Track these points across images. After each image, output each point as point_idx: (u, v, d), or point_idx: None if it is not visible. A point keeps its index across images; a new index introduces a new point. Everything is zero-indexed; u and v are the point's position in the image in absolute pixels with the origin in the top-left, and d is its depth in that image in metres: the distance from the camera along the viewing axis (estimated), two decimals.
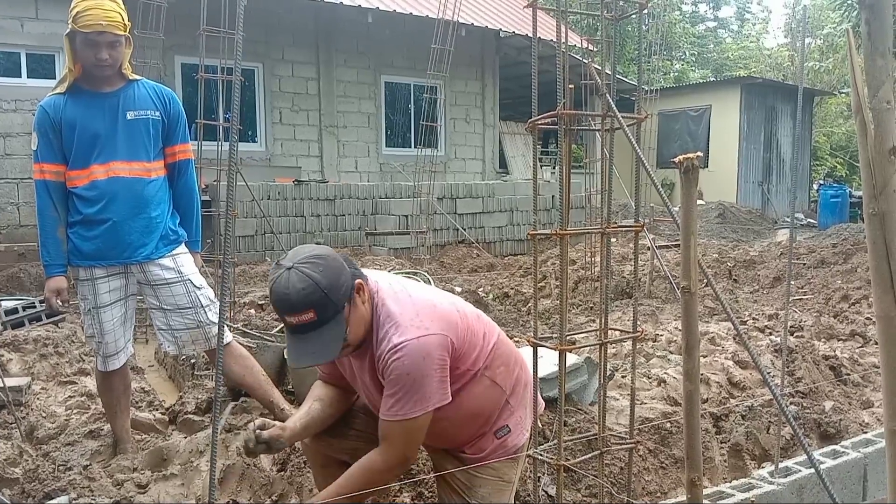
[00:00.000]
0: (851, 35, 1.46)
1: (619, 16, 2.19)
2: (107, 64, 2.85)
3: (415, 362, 1.92)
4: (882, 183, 1.29)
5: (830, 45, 22.72)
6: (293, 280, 1.87)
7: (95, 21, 2.76)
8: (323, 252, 1.96)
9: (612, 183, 2.27)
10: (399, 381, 1.94)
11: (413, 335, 1.94)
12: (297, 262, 1.90)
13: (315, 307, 1.87)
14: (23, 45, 9.62)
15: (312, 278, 1.87)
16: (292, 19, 12.27)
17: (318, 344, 1.92)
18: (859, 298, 6.19)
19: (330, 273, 1.90)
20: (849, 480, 2.89)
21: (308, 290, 1.86)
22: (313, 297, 1.87)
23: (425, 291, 2.18)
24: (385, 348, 1.95)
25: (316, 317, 1.88)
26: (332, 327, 1.92)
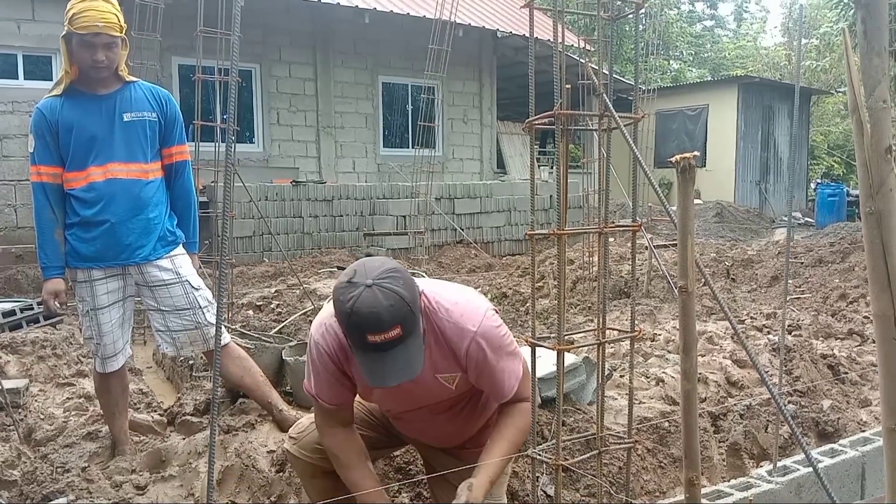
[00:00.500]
0: (848, 34, 1.46)
1: (615, 15, 2.19)
2: (103, 65, 2.84)
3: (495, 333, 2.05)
4: (879, 182, 1.29)
5: (827, 44, 22.76)
6: (379, 297, 1.80)
7: (92, 22, 2.76)
8: (393, 264, 1.93)
9: (609, 182, 2.27)
10: (496, 351, 2.04)
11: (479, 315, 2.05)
12: (375, 278, 1.83)
13: (402, 322, 1.83)
14: (20, 46, 9.60)
15: (398, 293, 1.82)
16: (289, 20, 12.27)
17: (404, 360, 1.87)
18: (857, 297, 6.20)
19: (409, 285, 1.88)
20: (847, 479, 2.90)
21: (396, 306, 1.81)
22: (401, 312, 1.82)
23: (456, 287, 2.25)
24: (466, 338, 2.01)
25: (402, 332, 1.83)
26: (414, 340, 1.89)
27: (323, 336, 2.09)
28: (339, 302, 1.85)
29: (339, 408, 2.17)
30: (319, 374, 2.12)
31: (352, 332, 1.85)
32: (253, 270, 8.61)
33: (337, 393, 2.14)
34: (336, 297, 1.87)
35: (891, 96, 1.30)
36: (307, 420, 2.39)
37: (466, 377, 2.09)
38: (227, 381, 3.30)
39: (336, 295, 1.87)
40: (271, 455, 2.93)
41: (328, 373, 2.11)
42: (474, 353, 2.01)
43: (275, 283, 7.07)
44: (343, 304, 1.83)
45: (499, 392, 2.10)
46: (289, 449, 2.38)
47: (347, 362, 2.08)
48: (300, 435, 2.35)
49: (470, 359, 2.02)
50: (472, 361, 2.03)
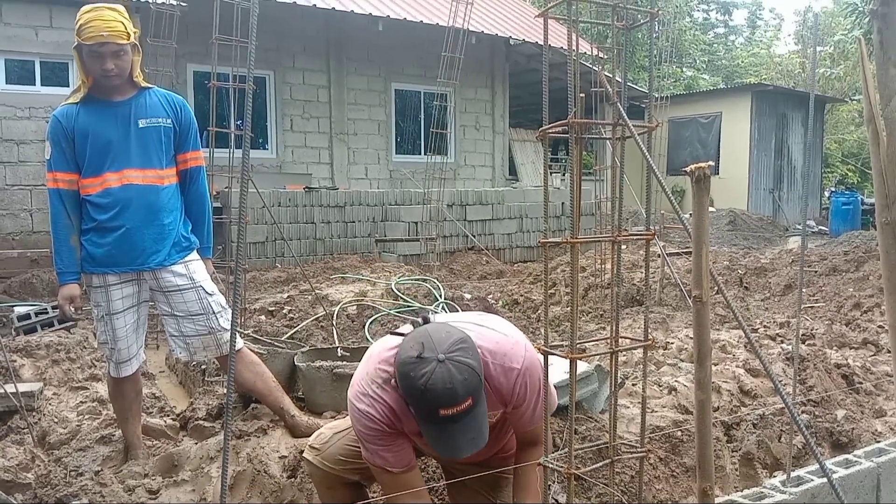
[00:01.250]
0: (863, 44, 1.45)
1: (629, 24, 2.19)
2: (113, 74, 2.86)
3: (537, 368, 2.06)
4: (895, 192, 1.29)
5: (842, 51, 22.62)
6: (453, 372, 1.79)
7: (97, 32, 2.78)
8: (459, 333, 1.90)
9: (622, 190, 2.26)
10: (535, 390, 2.07)
11: (521, 352, 2.06)
12: (447, 352, 1.81)
13: (473, 393, 1.82)
14: (37, 53, 9.70)
15: (470, 365, 1.82)
16: (303, 27, 12.34)
17: (475, 428, 1.87)
18: (871, 306, 6.15)
19: (475, 353, 1.87)
20: (862, 490, 2.87)
21: (470, 380, 1.81)
22: (473, 385, 1.82)
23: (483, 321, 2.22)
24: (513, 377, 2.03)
25: (473, 402, 1.83)
26: (482, 405, 1.88)
27: (372, 406, 2.01)
28: (408, 378, 1.82)
29: (409, 468, 2.10)
30: (378, 444, 2.05)
31: (423, 407, 1.83)
32: (265, 276, 8.64)
33: (403, 454, 2.08)
34: (405, 371, 1.83)
35: None
36: (329, 431, 2.38)
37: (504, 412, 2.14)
38: (240, 387, 3.31)
39: (404, 370, 1.84)
40: (283, 461, 2.93)
41: (388, 440, 2.04)
42: (521, 390, 2.05)
43: (287, 288, 7.10)
44: (415, 380, 1.80)
45: (526, 423, 2.15)
46: (310, 459, 2.35)
47: (401, 423, 2.03)
48: (323, 446, 2.33)
49: (518, 396, 2.06)
50: (519, 398, 2.06)
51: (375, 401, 2.01)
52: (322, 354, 3.77)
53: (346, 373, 3.29)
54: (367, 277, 6.71)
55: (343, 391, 3.19)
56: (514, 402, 2.07)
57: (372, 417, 2.01)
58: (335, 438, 2.31)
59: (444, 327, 1.93)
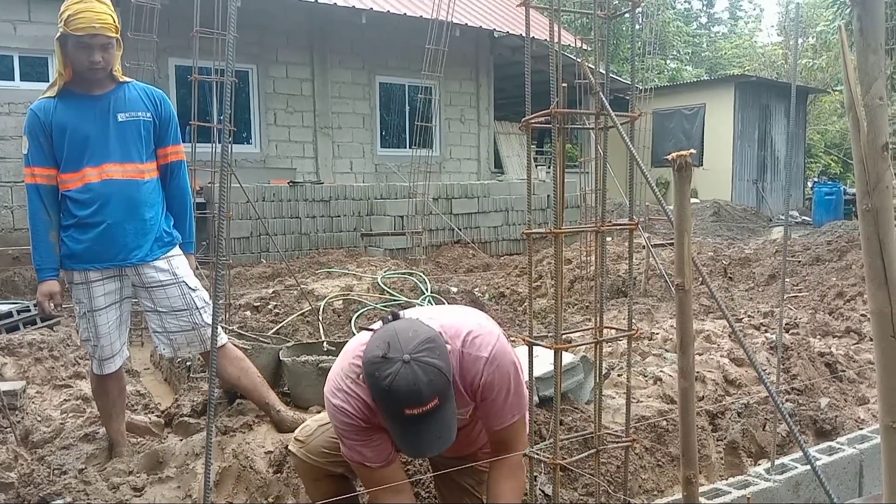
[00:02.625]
0: (844, 32, 1.46)
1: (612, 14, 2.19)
2: (100, 66, 2.84)
3: (508, 359, 2.03)
4: (875, 179, 1.29)
5: (824, 42, 22.77)
6: (418, 373, 1.77)
7: (88, 23, 2.75)
8: (427, 332, 1.87)
9: (606, 181, 2.26)
10: (505, 383, 2.02)
11: (492, 340, 2.02)
12: (412, 352, 1.79)
13: (439, 393, 1.81)
14: (16, 48, 9.60)
15: (436, 366, 1.80)
16: (286, 20, 12.26)
17: (441, 427, 1.86)
18: (854, 295, 6.21)
19: (443, 353, 1.85)
20: (845, 476, 2.90)
21: (435, 380, 1.79)
22: (438, 385, 1.80)
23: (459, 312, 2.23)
24: (480, 365, 1.99)
25: (439, 402, 1.81)
26: (449, 406, 1.87)
27: (346, 401, 2.01)
28: (373, 377, 1.81)
29: (388, 462, 2.09)
30: (355, 439, 2.04)
31: (388, 407, 1.82)
32: (250, 271, 8.60)
33: (381, 448, 2.07)
34: (370, 371, 1.82)
35: (887, 93, 1.30)
36: (314, 423, 2.37)
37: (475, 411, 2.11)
38: (225, 382, 3.29)
39: (370, 369, 1.82)
40: (269, 456, 2.92)
41: (365, 435, 2.03)
42: (488, 379, 2.00)
43: (272, 283, 7.06)
44: (379, 380, 1.79)
45: (495, 418, 2.06)
46: (294, 451, 2.35)
47: (376, 417, 2.00)
48: (308, 438, 2.32)
49: (485, 387, 2.01)
50: (486, 389, 2.01)
51: (350, 395, 2.00)
52: (308, 349, 3.76)
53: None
54: (352, 272, 6.69)
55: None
56: (481, 393, 2.02)
57: (347, 412, 2.00)
58: (319, 431, 2.31)
59: (413, 325, 1.90)
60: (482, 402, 2.05)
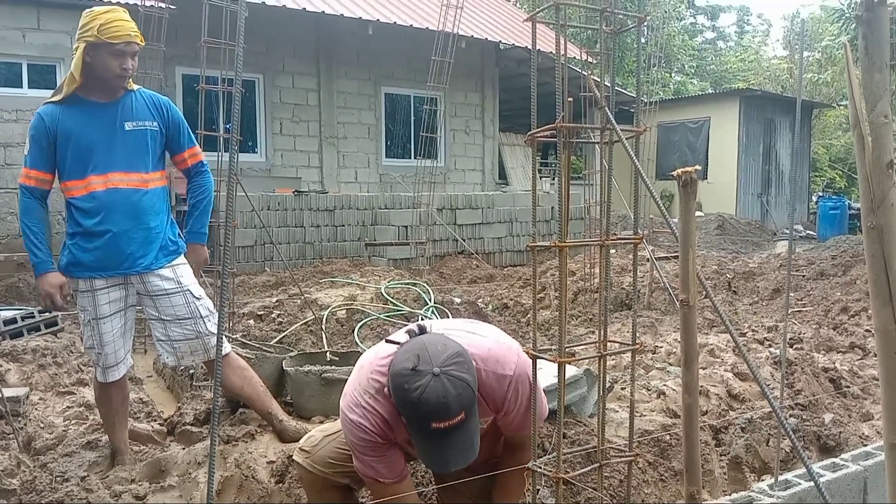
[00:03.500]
0: (849, 49, 1.46)
1: (618, 29, 2.20)
2: (129, 74, 2.91)
3: (528, 375, 2.01)
4: (880, 196, 1.30)
5: (829, 57, 22.83)
6: (448, 387, 1.79)
7: (125, 31, 2.83)
8: (456, 347, 1.89)
9: (611, 195, 2.27)
10: (527, 397, 2.04)
11: (513, 358, 2.06)
12: (441, 365, 1.81)
13: (466, 408, 1.83)
14: (24, 55, 9.65)
15: (465, 380, 1.82)
16: (293, 31, 12.33)
17: (465, 441, 1.87)
18: (859, 310, 6.19)
19: (470, 367, 1.87)
20: (849, 493, 2.88)
21: (464, 394, 1.81)
22: (466, 399, 1.82)
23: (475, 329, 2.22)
24: (505, 384, 2.03)
25: (465, 416, 1.83)
26: (474, 419, 1.89)
27: (364, 417, 2.01)
28: (402, 389, 1.82)
29: (401, 479, 2.10)
30: (370, 455, 2.05)
31: (415, 420, 1.83)
32: (254, 280, 8.61)
33: (394, 464, 2.08)
34: (398, 383, 1.83)
35: (892, 111, 1.30)
36: (319, 433, 2.37)
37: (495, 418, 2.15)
38: (227, 391, 3.29)
39: (398, 381, 1.83)
40: (271, 466, 2.92)
41: (380, 451, 2.04)
42: (512, 396, 2.05)
43: (276, 292, 7.07)
44: (409, 392, 1.80)
45: (516, 428, 2.15)
46: (300, 462, 2.34)
47: (393, 433, 2.03)
48: (313, 449, 2.32)
49: (509, 402, 2.05)
50: (510, 404, 2.06)
51: (368, 411, 2.00)
52: (311, 359, 3.76)
53: (335, 377, 3.28)
54: (356, 282, 6.69)
55: (332, 396, 3.19)
56: (505, 409, 2.08)
57: (364, 428, 2.00)
58: (325, 441, 2.30)
59: (441, 339, 1.91)
60: (506, 415, 2.09)
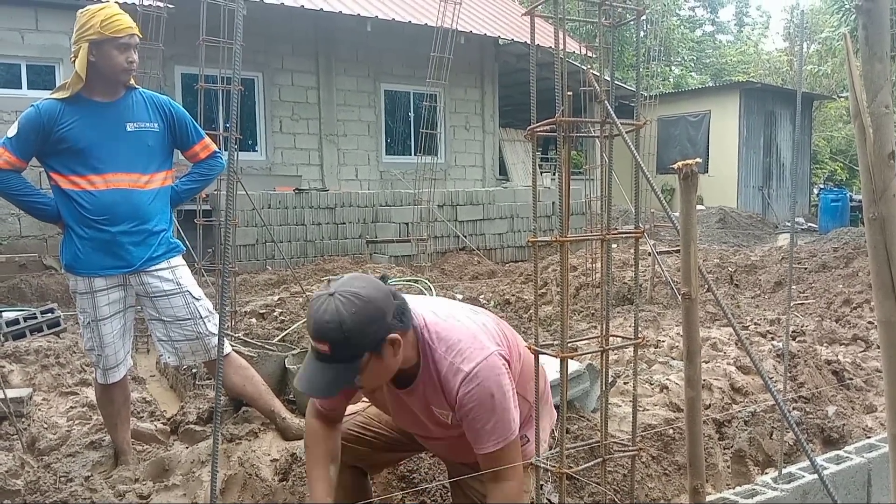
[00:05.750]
0: (849, 40, 1.46)
1: (617, 22, 2.19)
2: (134, 67, 2.92)
3: (493, 381, 1.93)
4: (882, 187, 1.29)
5: (829, 48, 22.74)
6: (328, 309, 1.82)
7: (127, 24, 2.86)
8: (369, 292, 1.86)
9: (611, 189, 2.26)
10: (484, 404, 1.92)
11: (480, 357, 1.94)
12: (339, 291, 1.84)
13: (332, 343, 1.82)
14: (23, 56, 9.65)
15: (340, 316, 1.80)
16: (292, 29, 12.32)
17: (322, 378, 1.88)
18: (861, 302, 6.18)
19: (361, 317, 1.82)
20: (853, 486, 2.88)
21: (332, 326, 1.80)
22: (333, 334, 1.81)
23: (470, 314, 2.16)
24: (458, 379, 1.93)
25: (330, 352, 1.83)
26: (341, 369, 1.86)
27: None
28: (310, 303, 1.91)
29: (329, 411, 2.17)
30: None
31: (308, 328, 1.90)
32: (256, 278, 8.61)
33: (332, 403, 2.16)
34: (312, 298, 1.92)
35: (893, 101, 1.30)
36: None
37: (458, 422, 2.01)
38: (230, 391, 3.29)
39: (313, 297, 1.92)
40: (274, 464, 2.92)
41: None
42: (465, 398, 1.93)
43: (278, 290, 7.08)
44: (311, 300, 1.90)
45: (475, 443, 1.98)
46: None
47: None
48: None
49: (461, 404, 1.94)
50: (460, 404, 1.95)
51: None
52: None
53: None
54: None
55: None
56: (458, 410, 1.96)
57: None
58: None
59: (370, 283, 1.90)
60: (461, 418, 1.98)
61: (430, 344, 1.98)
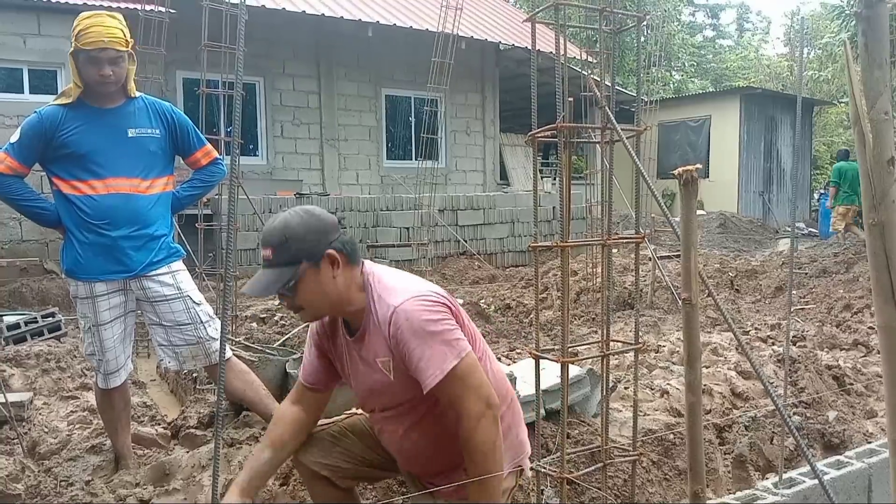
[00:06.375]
0: (849, 46, 1.46)
1: (617, 28, 2.20)
2: (110, 80, 2.86)
3: (423, 308, 1.93)
4: (881, 193, 1.30)
5: (829, 54, 22.79)
6: (277, 218, 2.01)
7: (98, 38, 2.78)
8: (321, 213, 2.03)
9: (612, 194, 2.27)
10: (418, 333, 1.90)
11: (412, 293, 1.97)
12: (293, 208, 2.02)
13: (273, 247, 1.97)
14: (25, 60, 9.67)
15: (285, 222, 1.97)
16: (293, 34, 12.34)
17: (262, 281, 2.00)
18: (862, 307, 6.18)
19: (304, 226, 1.97)
20: (853, 491, 2.88)
21: (276, 230, 1.97)
22: (275, 238, 1.97)
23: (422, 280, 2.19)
24: (387, 313, 1.96)
25: (272, 256, 1.97)
26: (279, 273, 1.97)
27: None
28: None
29: (311, 388, 2.24)
30: (307, 347, 2.27)
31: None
32: None
33: (312, 370, 2.23)
34: None
35: (893, 108, 1.30)
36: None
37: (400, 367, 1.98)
38: (230, 396, 3.29)
39: None
40: None
41: (311, 346, 2.23)
42: (394, 331, 1.93)
43: None
44: None
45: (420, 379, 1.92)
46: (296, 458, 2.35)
47: (328, 342, 2.18)
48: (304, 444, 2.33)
49: (393, 338, 1.94)
50: (394, 340, 1.94)
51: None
52: None
53: None
54: None
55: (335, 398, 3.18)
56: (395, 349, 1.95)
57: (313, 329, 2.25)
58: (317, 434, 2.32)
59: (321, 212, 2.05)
60: (402, 358, 1.95)
61: (373, 286, 2.05)
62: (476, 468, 1.89)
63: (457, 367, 1.88)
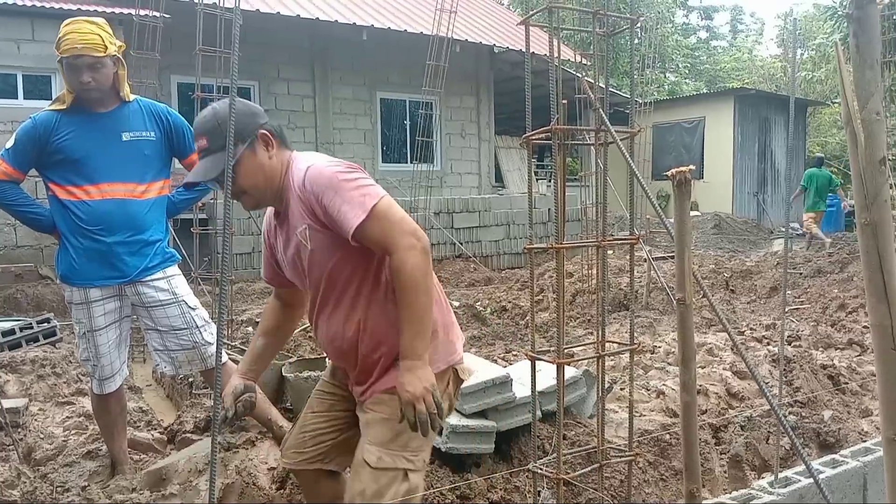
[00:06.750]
0: (840, 48, 1.47)
1: (611, 31, 2.21)
2: (91, 87, 2.83)
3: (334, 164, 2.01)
4: (873, 193, 1.31)
5: (822, 55, 22.87)
6: (206, 109, 2.07)
7: (72, 45, 2.77)
8: (248, 102, 2.12)
9: (607, 196, 2.28)
10: (332, 184, 1.94)
11: (325, 158, 2.06)
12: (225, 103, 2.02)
13: (207, 135, 2.02)
14: (19, 66, 9.64)
15: (216, 110, 2.03)
16: (288, 38, 12.34)
17: (203, 167, 2.05)
18: (856, 307, 6.20)
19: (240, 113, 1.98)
20: (849, 489, 2.89)
21: (208, 118, 2.03)
22: (207, 125, 2.03)
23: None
24: (301, 175, 2.00)
25: (207, 144, 2.02)
26: (217, 157, 2.01)
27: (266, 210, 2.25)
28: None
29: (275, 286, 2.33)
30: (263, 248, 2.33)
31: None
32: (252, 287, 8.61)
33: (268, 267, 2.30)
34: None
35: (884, 108, 1.31)
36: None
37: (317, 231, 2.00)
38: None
39: None
40: (272, 472, 2.92)
41: (265, 245, 2.28)
42: (310, 187, 1.96)
43: None
44: None
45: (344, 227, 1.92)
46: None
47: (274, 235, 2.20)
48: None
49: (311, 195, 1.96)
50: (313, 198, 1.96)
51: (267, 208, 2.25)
52: (310, 365, 3.76)
53: None
54: None
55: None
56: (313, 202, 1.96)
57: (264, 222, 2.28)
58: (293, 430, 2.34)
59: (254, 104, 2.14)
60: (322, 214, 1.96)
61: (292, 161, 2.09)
62: (408, 297, 1.92)
63: (377, 205, 1.93)
